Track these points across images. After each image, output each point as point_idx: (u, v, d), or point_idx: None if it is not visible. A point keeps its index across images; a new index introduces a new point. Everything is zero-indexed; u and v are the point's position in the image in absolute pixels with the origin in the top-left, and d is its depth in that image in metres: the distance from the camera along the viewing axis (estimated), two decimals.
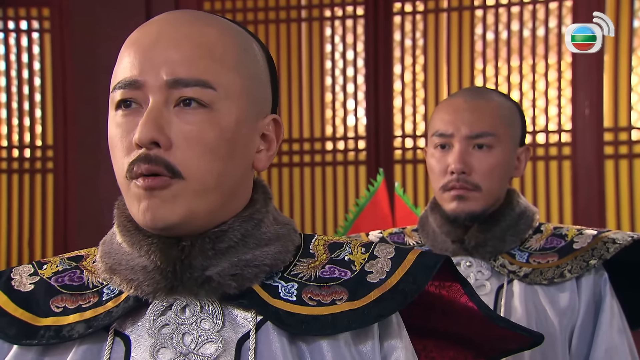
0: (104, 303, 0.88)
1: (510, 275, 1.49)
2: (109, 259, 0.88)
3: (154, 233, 0.85)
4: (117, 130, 0.84)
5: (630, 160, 3.39)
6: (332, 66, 3.69)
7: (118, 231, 0.88)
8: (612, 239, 1.50)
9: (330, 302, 0.87)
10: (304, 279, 0.89)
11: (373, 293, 0.89)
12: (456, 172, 1.46)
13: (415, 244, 1.59)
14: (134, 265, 0.86)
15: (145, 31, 0.85)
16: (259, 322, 0.86)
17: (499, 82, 3.52)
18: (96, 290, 0.89)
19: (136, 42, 0.84)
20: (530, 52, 3.51)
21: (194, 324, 0.85)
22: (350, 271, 0.91)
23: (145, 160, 0.81)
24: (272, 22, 3.72)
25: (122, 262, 0.87)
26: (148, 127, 0.80)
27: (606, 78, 3.39)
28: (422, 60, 3.60)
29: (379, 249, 0.94)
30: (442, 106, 1.54)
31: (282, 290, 0.88)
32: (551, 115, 3.48)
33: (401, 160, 3.60)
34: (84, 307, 0.88)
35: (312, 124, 3.70)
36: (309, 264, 0.91)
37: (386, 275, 0.91)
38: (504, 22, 3.53)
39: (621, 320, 1.48)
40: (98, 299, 0.88)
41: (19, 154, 3.94)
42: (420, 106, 3.61)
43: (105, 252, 0.89)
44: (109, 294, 0.88)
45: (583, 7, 3.35)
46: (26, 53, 3.94)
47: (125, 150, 0.83)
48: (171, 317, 0.85)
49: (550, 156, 3.47)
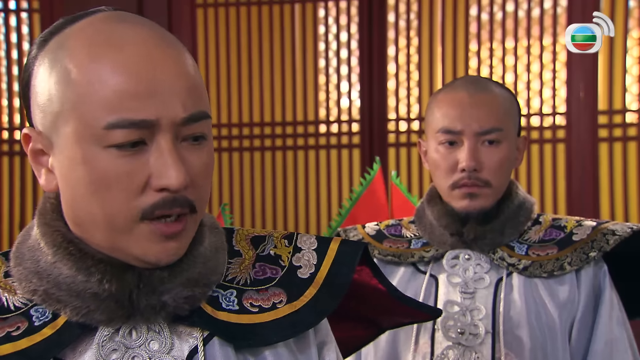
0: (38, 329, 0.79)
1: (510, 268, 1.48)
2: (39, 281, 0.80)
3: (102, 257, 0.79)
4: (116, 169, 0.76)
5: (625, 143, 3.38)
6: (325, 48, 3.64)
7: (52, 252, 0.80)
8: (611, 230, 1.48)
9: (272, 307, 0.88)
10: (240, 284, 0.88)
11: (309, 291, 0.90)
12: (468, 170, 1.44)
13: (413, 236, 1.57)
14: (79, 291, 0.79)
15: (135, 55, 0.76)
16: (205, 338, 0.84)
17: (493, 64, 3.49)
18: (21, 313, 0.80)
19: (132, 71, 0.75)
20: (525, 33, 3.47)
21: (142, 346, 0.82)
22: (280, 267, 0.92)
23: (174, 204, 0.78)
24: (265, 4, 3.67)
25: (60, 286, 0.79)
26: (181, 171, 0.76)
27: (601, 60, 3.37)
28: (417, 42, 3.57)
29: (301, 240, 0.95)
30: (444, 100, 1.50)
31: (223, 300, 0.86)
32: (545, 97, 3.46)
33: (395, 143, 3.57)
34: (14, 335, 0.79)
35: (305, 106, 3.67)
36: (239, 264, 0.90)
37: (314, 268, 0.93)
38: (498, 3, 3.49)
39: (620, 313, 1.48)
40: (28, 324, 0.80)
41: (8, 136, 3.89)
42: (415, 89, 3.58)
43: (30, 272, 0.81)
44: (40, 318, 0.80)
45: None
46: (15, 33, 3.88)
47: (133, 191, 0.77)
48: (120, 342, 0.81)
49: (545, 139, 3.45)
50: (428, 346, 1.47)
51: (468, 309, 1.47)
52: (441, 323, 1.46)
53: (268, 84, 3.66)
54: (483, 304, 1.47)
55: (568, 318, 1.45)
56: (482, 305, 1.47)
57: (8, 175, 3.87)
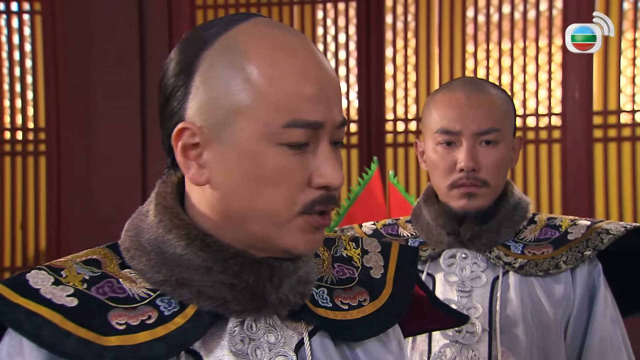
0: (169, 319, 0.82)
1: (506, 267, 1.48)
2: (169, 272, 0.82)
3: (236, 250, 0.83)
4: (286, 166, 0.81)
5: (619, 144, 3.38)
6: (324, 49, 3.64)
7: (184, 244, 0.82)
8: (605, 229, 1.49)
9: (358, 305, 0.93)
10: (329, 283, 0.93)
11: (385, 290, 0.96)
12: (466, 170, 1.44)
13: (410, 236, 1.57)
14: (214, 282, 0.82)
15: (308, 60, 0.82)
16: (310, 331, 0.89)
17: (490, 65, 3.49)
18: (148, 303, 0.82)
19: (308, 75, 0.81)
20: (521, 35, 3.47)
21: (262, 338, 0.86)
22: (355, 268, 0.97)
23: (330, 201, 0.83)
24: (264, 5, 3.67)
25: (194, 276, 0.82)
26: (340, 172, 0.83)
27: (596, 61, 3.37)
28: (414, 44, 3.56)
29: (366, 242, 1.00)
30: (441, 101, 1.50)
31: (318, 297, 0.91)
32: (541, 98, 3.46)
33: (393, 143, 3.57)
34: (148, 323, 0.81)
35: None
36: (321, 264, 0.95)
37: (383, 269, 0.97)
38: (495, 5, 3.49)
39: (614, 310, 1.48)
40: (158, 313, 0.82)
41: (10, 136, 3.88)
42: (412, 89, 3.58)
43: (156, 263, 0.83)
44: (168, 308, 0.83)
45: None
46: (17, 34, 3.88)
47: (297, 187, 0.81)
48: (244, 333, 0.85)
49: (541, 139, 3.45)
50: (425, 344, 1.47)
51: (465, 308, 1.47)
52: None
53: None
54: (480, 302, 1.47)
55: (563, 316, 1.45)
56: (479, 304, 1.47)
57: (10, 174, 3.87)
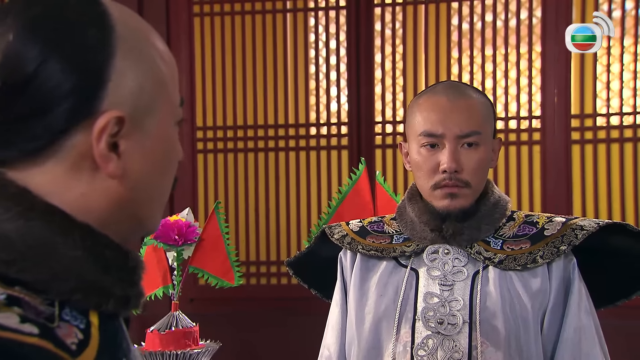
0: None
1: (486, 261, 1.50)
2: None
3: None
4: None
5: (595, 145, 3.41)
6: (315, 55, 3.66)
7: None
8: (580, 225, 1.51)
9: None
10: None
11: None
12: (449, 171, 1.46)
13: (395, 232, 1.59)
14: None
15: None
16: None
17: (474, 71, 3.51)
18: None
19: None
20: (503, 42, 3.50)
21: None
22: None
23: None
24: (258, 13, 3.68)
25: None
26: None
27: (573, 67, 3.40)
28: (402, 50, 3.58)
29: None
30: (425, 105, 1.51)
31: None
32: (522, 102, 3.48)
33: (381, 145, 3.59)
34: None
35: (296, 110, 3.68)
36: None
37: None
38: (478, 14, 3.51)
39: (588, 302, 1.50)
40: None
41: None
42: (400, 93, 3.59)
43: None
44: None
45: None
46: None
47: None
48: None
49: (522, 141, 3.48)
50: (409, 335, 1.49)
51: (447, 300, 1.48)
52: (421, 313, 1.48)
53: (262, 89, 3.67)
54: (461, 295, 1.49)
55: (540, 308, 1.47)
56: (460, 297, 1.48)
57: None
